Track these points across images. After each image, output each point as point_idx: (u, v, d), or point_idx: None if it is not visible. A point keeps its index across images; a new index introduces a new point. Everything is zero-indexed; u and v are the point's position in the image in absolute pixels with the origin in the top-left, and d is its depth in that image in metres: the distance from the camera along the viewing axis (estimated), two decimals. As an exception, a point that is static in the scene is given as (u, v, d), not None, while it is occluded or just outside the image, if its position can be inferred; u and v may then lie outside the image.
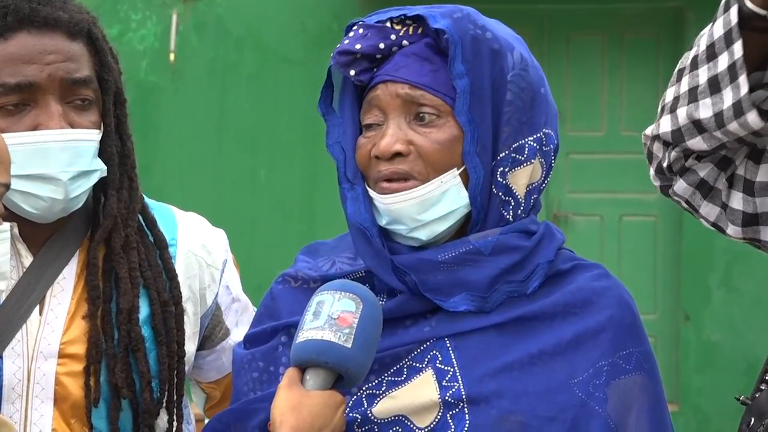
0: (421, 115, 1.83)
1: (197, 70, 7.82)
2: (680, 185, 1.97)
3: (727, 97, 1.79)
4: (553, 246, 1.88)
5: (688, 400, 7.52)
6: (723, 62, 1.78)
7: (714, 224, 1.99)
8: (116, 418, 2.00)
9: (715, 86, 1.80)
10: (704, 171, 1.94)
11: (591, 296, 1.86)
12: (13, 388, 1.96)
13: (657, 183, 2.03)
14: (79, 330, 2.00)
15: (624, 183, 7.77)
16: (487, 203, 1.85)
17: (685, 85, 1.87)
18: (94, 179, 2.01)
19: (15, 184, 1.82)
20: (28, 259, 2.02)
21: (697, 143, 1.88)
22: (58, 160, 1.95)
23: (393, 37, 1.86)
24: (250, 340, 1.95)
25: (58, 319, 2.00)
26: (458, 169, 1.83)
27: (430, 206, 1.82)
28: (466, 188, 1.84)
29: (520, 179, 1.86)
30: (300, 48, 7.78)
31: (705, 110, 1.82)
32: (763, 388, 1.87)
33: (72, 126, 1.97)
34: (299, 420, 1.67)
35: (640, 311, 1.91)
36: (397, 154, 1.82)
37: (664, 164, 1.96)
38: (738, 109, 1.78)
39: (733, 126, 1.80)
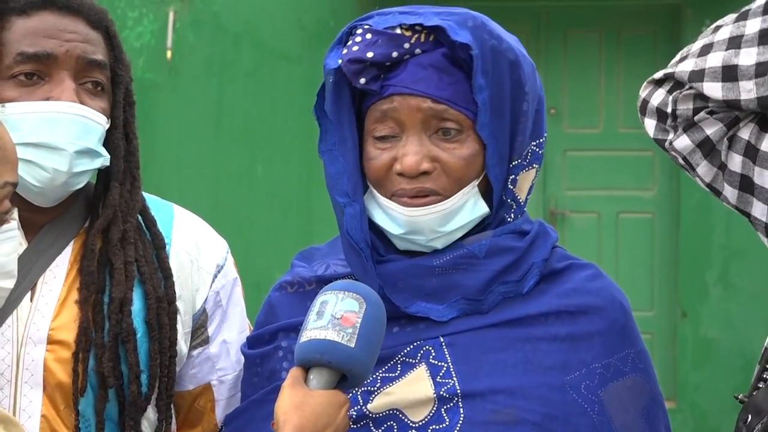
0: (444, 129, 1.81)
1: (194, 67, 7.82)
2: (682, 141, 1.96)
3: None
4: (547, 244, 1.89)
5: (686, 397, 7.53)
6: None
7: (709, 185, 1.98)
8: (102, 409, 1.99)
9: (767, 38, 1.83)
10: (712, 129, 1.93)
11: (586, 297, 1.87)
12: (2, 373, 1.96)
13: (652, 133, 2.01)
14: (69, 316, 2.00)
15: (621, 180, 7.77)
16: (497, 209, 1.85)
17: (725, 34, 1.88)
18: (97, 164, 2.02)
19: (20, 152, 1.82)
20: (22, 246, 2.01)
21: (713, 89, 1.88)
22: (67, 131, 1.97)
23: (407, 45, 1.80)
24: (253, 342, 1.97)
25: (48, 305, 2.00)
26: (477, 180, 1.82)
27: (451, 218, 1.82)
28: (482, 196, 1.83)
29: (525, 184, 1.87)
30: (297, 45, 7.78)
31: (747, 57, 1.84)
32: (761, 385, 1.86)
33: (83, 105, 2.00)
34: (302, 419, 1.66)
35: (637, 308, 1.93)
36: (423, 172, 1.80)
37: (668, 109, 1.96)
38: None
39: None
